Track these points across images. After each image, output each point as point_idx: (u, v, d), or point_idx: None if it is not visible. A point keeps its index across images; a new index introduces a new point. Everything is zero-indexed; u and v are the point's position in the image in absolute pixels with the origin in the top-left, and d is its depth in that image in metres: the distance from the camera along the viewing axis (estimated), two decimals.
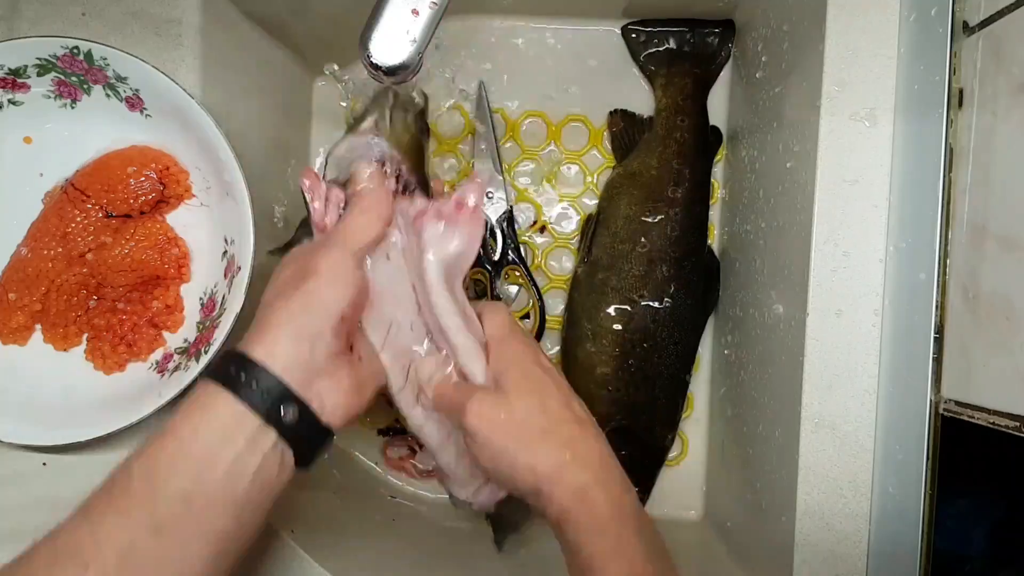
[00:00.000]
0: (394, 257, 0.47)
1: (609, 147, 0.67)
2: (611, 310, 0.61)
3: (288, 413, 0.38)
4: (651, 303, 0.61)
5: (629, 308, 0.61)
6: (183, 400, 0.39)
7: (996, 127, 0.42)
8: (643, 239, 0.61)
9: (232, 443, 0.37)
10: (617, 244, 0.62)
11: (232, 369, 0.38)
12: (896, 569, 0.46)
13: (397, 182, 0.47)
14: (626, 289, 0.61)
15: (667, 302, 0.61)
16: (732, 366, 0.61)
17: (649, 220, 0.62)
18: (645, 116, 0.66)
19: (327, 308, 0.41)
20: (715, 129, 0.66)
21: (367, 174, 0.46)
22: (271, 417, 0.38)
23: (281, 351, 0.39)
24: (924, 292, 0.45)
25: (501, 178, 0.66)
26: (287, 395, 0.38)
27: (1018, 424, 0.39)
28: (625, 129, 0.66)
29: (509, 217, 0.66)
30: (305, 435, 0.39)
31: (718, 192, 0.66)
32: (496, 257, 0.66)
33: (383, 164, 0.47)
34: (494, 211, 0.66)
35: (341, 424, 0.41)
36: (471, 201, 0.46)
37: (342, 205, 0.47)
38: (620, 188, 0.64)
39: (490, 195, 0.66)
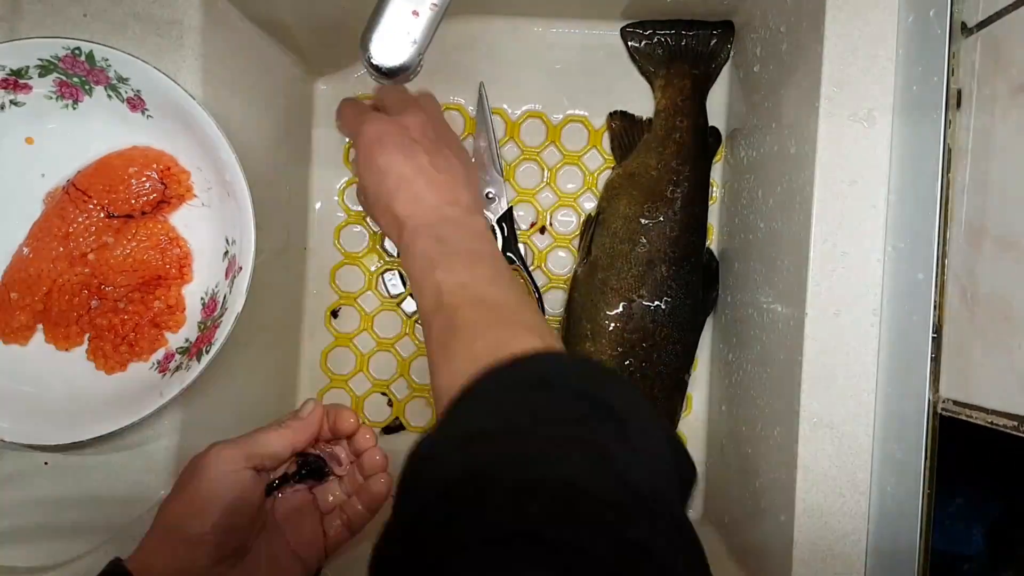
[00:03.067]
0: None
1: (609, 147, 0.67)
2: (610, 310, 0.61)
3: None
4: (650, 303, 0.61)
5: (628, 308, 0.61)
6: None
7: (994, 128, 0.42)
8: (642, 239, 0.62)
9: None
10: (617, 244, 0.62)
11: None
12: (895, 568, 0.46)
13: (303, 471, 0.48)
14: (625, 289, 0.61)
15: (666, 302, 0.61)
16: (731, 366, 0.61)
17: (648, 220, 0.62)
18: (644, 117, 0.66)
19: (210, 511, 0.40)
20: (714, 129, 0.66)
21: (311, 404, 0.48)
22: None
23: (159, 561, 0.38)
24: (922, 292, 0.45)
25: (501, 178, 0.66)
26: None
27: (1016, 424, 0.39)
28: (625, 130, 0.66)
29: (509, 217, 0.66)
30: None
31: (717, 192, 0.66)
32: None
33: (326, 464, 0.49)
34: (494, 211, 0.66)
35: None
36: None
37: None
38: (620, 188, 0.64)
39: (490, 195, 0.66)
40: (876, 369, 0.47)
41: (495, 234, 0.66)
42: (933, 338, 0.45)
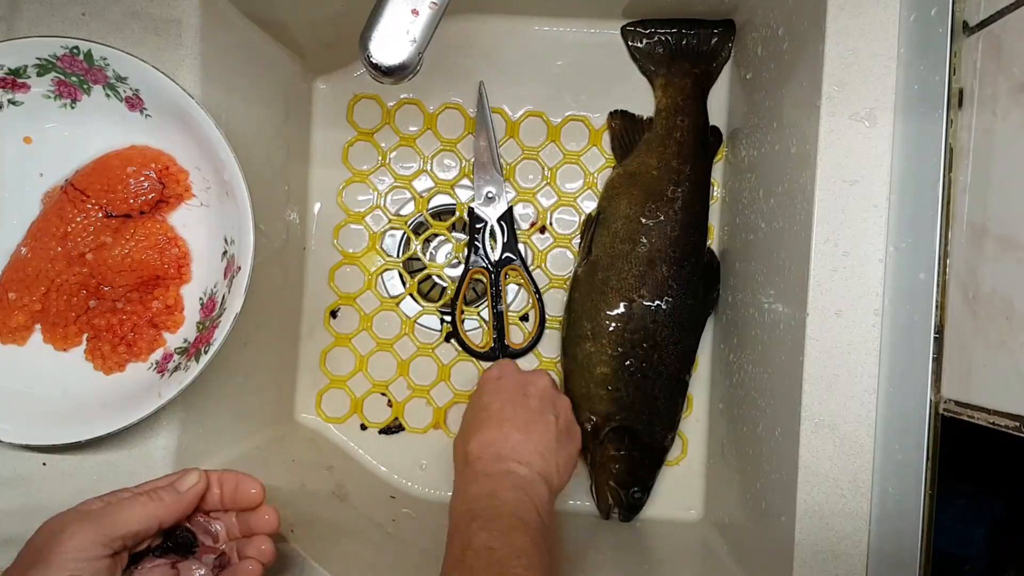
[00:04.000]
0: None
1: (609, 147, 0.67)
2: (611, 310, 0.61)
3: None
4: (651, 303, 0.61)
5: (629, 308, 0.61)
6: None
7: (996, 127, 0.42)
8: (643, 239, 0.61)
9: None
10: (617, 244, 0.62)
11: None
12: (896, 569, 0.46)
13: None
14: (626, 289, 0.61)
15: (667, 302, 0.61)
16: (732, 366, 0.61)
17: (649, 220, 0.62)
18: (645, 116, 0.66)
19: None
20: (715, 129, 0.66)
21: (194, 477, 0.42)
22: None
23: None
24: (924, 292, 0.45)
25: (501, 177, 0.66)
26: None
27: (1018, 424, 0.39)
28: (625, 129, 0.66)
29: (509, 216, 0.66)
30: None
31: (718, 192, 0.66)
32: (496, 257, 0.66)
33: (213, 537, 0.44)
34: (494, 211, 0.66)
35: None
36: None
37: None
38: (620, 188, 0.64)
39: (490, 195, 0.66)
40: (877, 369, 0.47)
41: (496, 236, 0.66)
42: (935, 338, 0.45)
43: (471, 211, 0.66)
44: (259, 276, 0.48)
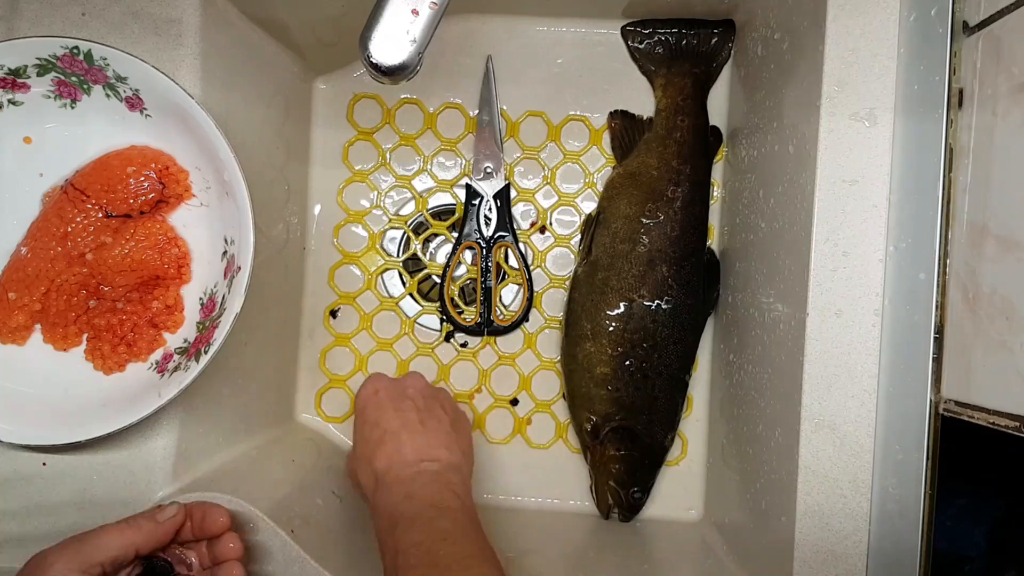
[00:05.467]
0: None
1: (609, 147, 0.67)
2: (611, 310, 0.61)
3: None
4: (651, 303, 0.61)
5: (629, 308, 0.61)
6: None
7: (996, 127, 0.42)
8: (643, 239, 0.62)
9: None
10: (617, 244, 0.62)
11: None
12: (896, 569, 0.46)
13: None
14: (626, 289, 0.61)
15: (667, 302, 0.61)
16: (732, 366, 0.61)
17: (649, 220, 0.62)
18: (645, 116, 0.66)
19: None
20: (715, 129, 0.66)
21: (173, 509, 0.44)
22: None
23: None
24: (924, 292, 0.45)
25: (500, 153, 0.66)
26: None
27: (1018, 424, 0.39)
28: (625, 129, 0.66)
29: (505, 193, 0.66)
30: None
31: (718, 192, 0.66)
32: (490, 232, 0.66)
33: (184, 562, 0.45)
34: (491, 186, 0.66)
35: None
36: None
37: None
38: (620, 188, 0.64)
39: (488, 170, 0.66)
40: (878, 369, 0.47)
41: (491, 210, 0.66)
42: (935, 338, 0.45)
43: (468, 185, 0.66)
44: (259, 276, 0.48)
